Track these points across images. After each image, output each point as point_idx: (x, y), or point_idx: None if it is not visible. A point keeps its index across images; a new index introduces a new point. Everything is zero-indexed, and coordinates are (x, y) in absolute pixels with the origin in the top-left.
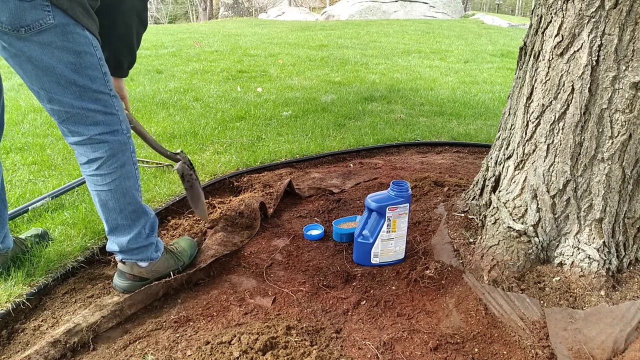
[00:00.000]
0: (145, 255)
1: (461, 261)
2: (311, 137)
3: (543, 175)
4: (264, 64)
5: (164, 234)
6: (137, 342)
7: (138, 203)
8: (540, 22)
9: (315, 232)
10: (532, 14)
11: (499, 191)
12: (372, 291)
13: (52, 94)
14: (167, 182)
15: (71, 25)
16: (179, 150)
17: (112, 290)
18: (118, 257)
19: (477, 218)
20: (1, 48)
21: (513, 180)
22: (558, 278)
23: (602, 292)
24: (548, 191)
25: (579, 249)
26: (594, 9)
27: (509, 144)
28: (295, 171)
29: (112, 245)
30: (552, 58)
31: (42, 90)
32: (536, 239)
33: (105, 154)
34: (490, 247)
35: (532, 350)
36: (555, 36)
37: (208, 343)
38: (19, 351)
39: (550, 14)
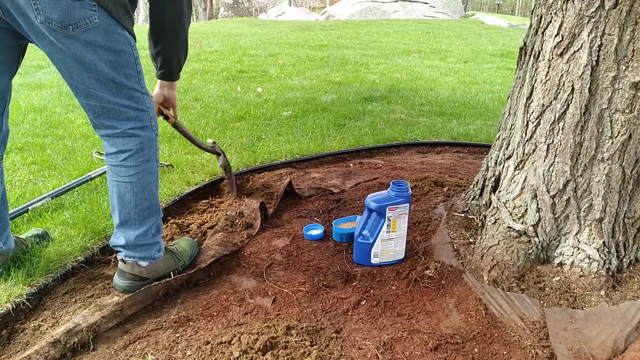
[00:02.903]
0: (148, 254)
1: (461, 261)
2: (311, 137)
3: (543, 175)
4: (263, 64)
5: (166, 235)
6: (137, 342)
7: (155, 199)
8: (540, 22)
9: (315, 232)
10: (532, 14)
11: (499, 191)
12: (372, 291)
13: (91, 89)
14: (167, 182)
15: (113, 26)
16: (211, 142)
17: (112, 290)
18: (121, 254)
19: (477, 218)
20: (48, 44)
21: (513, 180)
22: (558, 278)
23: (602, 292)
24: (548, 191)
25: (579, 249)
26: (594, 9)
27: (509, 144)
28: (295, 171)
29: (118, 239)
30: (552, 58)
31: (82, 85)
32: (536, 239)
33: (135, 147)
34: (490, 247)
35: (532, 350)
36: (555, 36)
37: (208, 343)
38: (19, 351)
39: (550, 14)
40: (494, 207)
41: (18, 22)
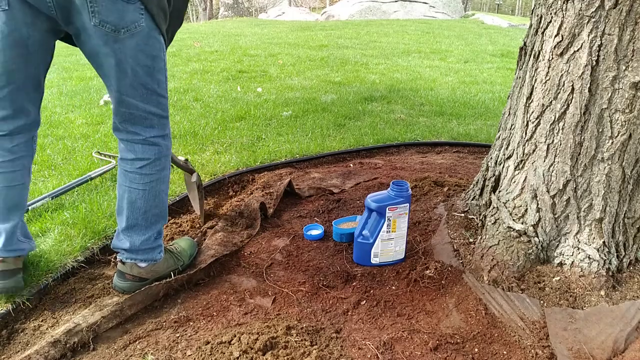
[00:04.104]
0: (150, 256)
1: (461, 261)
2: (311, 137)
3: (543, 175)
4: (264, 64)
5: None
6: (137, 342)
7: (164, 206)
8: (540, 22)
9: (315, 232)
10: (532, 14)
11: (499, 191)
12: (372, 291)
13: (124, 95)
14: None
15: (153, 30)
16: (183, 159)
17: (112, 291)
18: (122, 256)
19: (477, 218)
20: (94, 47)
21: (513, 180)
22: (558, 278)
23: (602, 292)
24: (548, 191)
25: (579, 249)
26: (593, 9)
27: (509, 144)
28: (295, 171)
29: (122, 242)
30: (552, 58)
31: (117, 92)
32: (536, 239)
33: (153, 156)
34: (490, 247)
35: (532, 350)
36: (555, 36)
37: (208, 343)
38: (19, 351)
39: (550, 14)
40: (494, 207)
41: (70, 21)
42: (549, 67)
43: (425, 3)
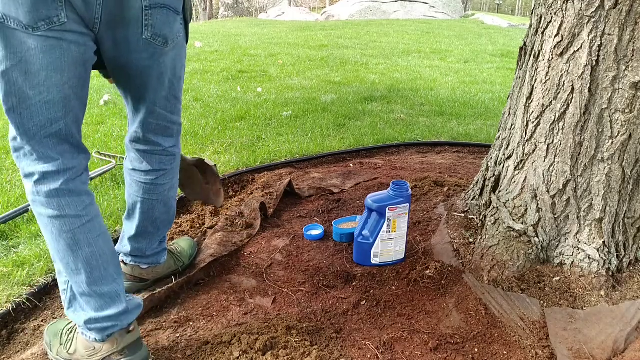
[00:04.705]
0: (154, 260)
1: (461, 261)
2: (311, 137)
3: (543, 175)
4: (264, 64)
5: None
6: None
7: (173, 212)
8: (540, 22)
9: (315, 232)
10: (532, 14)
11: (499, 191)
12: (372, 291)
13: (157, 107)
14: None
15: (183, 40)
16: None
17: None
18: (126, 258)
19: (477, 218)
20: (139, 60)
21: (513, 180)
22: (558, 278)
23: (602, 292)
24: (548, 191)
25: (579, 249)
26: (593, 9)
27: (509, 144)
28: (295, 171)
29: (127, 248)
30: (552, 58)
31: (151, 104)
32: (536, 239)
33: (168, 167)
34: (490, 247)
35: (532, 350)
36: (555, 36)
37: (208, 343)
38: (19, 351)
39: (550, 14)
40: (494, 207)
41: (115, 37)
42: (549, 67)
43: (425, 3)
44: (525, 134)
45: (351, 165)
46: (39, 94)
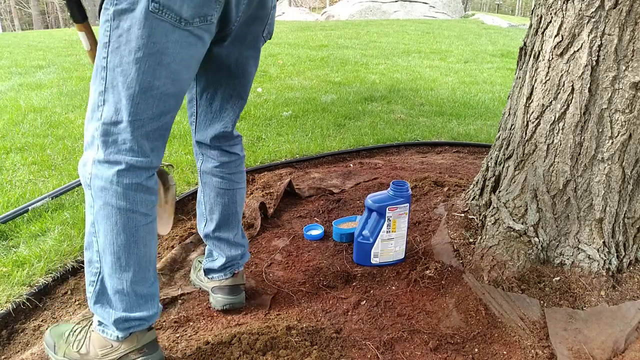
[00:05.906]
0: (243, 250)
1: (461, 261)
2: (311, 137)
3: (543, 175)
4: (264, 64)
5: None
6: None
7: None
8: (540, 22)
9: (315, 232)
10: (532, 14)
11: (499, 191)
12: (372, 291)
13: (244, 100)
14: None
15: None
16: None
17: None
18: (238, 264)
19: (477, 218)
20: (249, 57)
21: (513, 180)
22: (558, 278)
23: (602, 292)
24: (548, 191)
25: (579, 249)
26: (593, 9)
27: (509, 144)
28: (295, 171)
29: (239, 248)
30: (552, 58)
31: (246, 96)
32: (536, 239)
33: (243, 153)
34: (490, 247)
35: (532, 350)
36: (555, 36)
37: (208, 343)
38: (19, 351)
39: (550, 14)
40: (494, 207)
41: (239, 35)
42: (549, 67)
43: (425, 3)
44: (525, 134)
45: (351, 165)
46: (163, 85)
